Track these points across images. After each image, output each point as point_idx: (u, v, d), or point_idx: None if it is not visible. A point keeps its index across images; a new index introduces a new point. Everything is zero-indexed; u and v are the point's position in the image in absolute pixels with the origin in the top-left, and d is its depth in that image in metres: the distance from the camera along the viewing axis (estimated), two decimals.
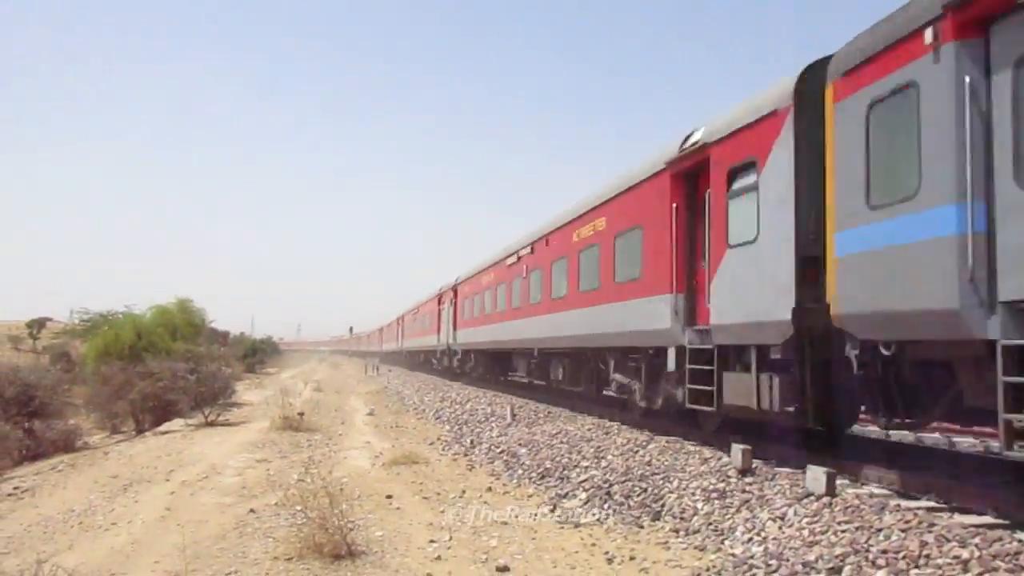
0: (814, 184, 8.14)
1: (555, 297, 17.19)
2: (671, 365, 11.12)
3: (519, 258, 20.68)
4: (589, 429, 13.13)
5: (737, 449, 8.53)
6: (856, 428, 14.59)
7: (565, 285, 16.51)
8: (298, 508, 7.44)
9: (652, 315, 11.63)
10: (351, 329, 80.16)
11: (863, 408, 9.14)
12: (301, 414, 17.10)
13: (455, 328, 30.72)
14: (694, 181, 11.01)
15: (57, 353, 39.27)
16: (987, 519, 6.26)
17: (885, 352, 7.32)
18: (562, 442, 12.06)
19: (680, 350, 10.87)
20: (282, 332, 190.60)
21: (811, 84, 8.33)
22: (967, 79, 5.99)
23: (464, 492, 9.49)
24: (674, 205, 11.13)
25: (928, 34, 6.39)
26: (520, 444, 12.40)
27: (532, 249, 19.41)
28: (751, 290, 9.03)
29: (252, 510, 8.58)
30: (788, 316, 8.21)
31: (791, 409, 8.80)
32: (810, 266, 8.22)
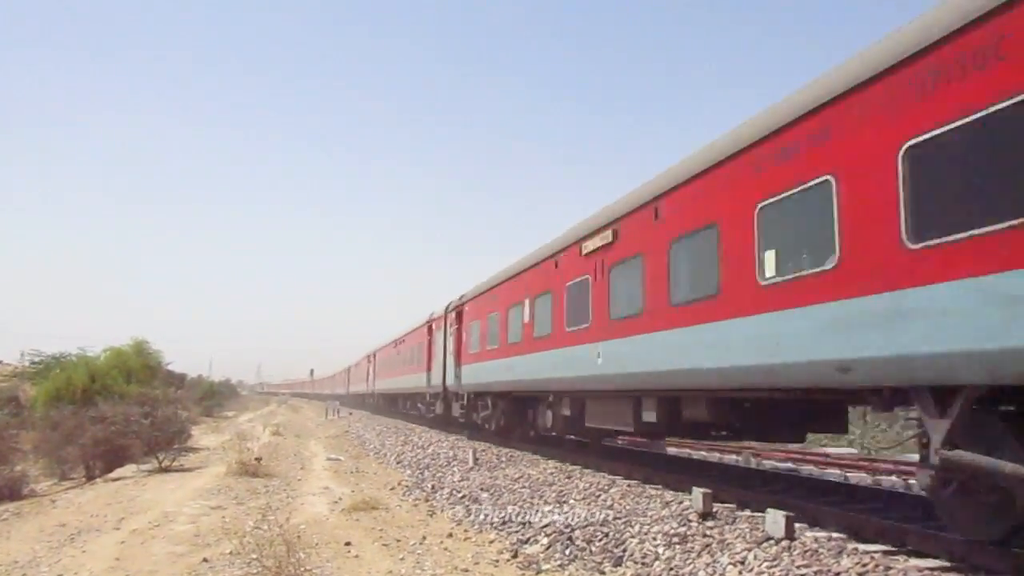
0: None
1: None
2: None
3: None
4: (551, 473, 13.07)
5: (698, 493, 8.57)
6: (814, 470, 14.78)
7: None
8: (254, 557, 7.25)
9: None
10: (312, 372, 79.13)
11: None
12: (259, 459, 16.74)
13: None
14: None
15: (5, 397, 38.05)
16: (941, 563, 6.35)
17: None
18: (524, 486, 11.98)
19: None
20: (242, 374, 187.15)
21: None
22: None
23: (424, 538, 9.34)
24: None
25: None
26: (482, 488, 12.29)
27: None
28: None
29: (206, 559, 8.34)
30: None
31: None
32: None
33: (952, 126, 5.72)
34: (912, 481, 12.81)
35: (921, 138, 5.98)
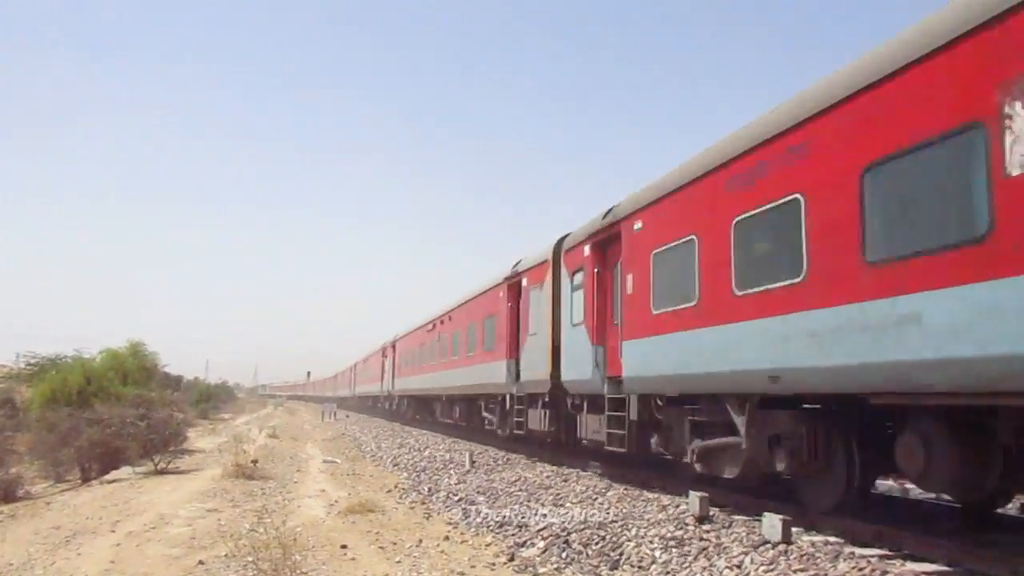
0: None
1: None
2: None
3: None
4: (548, 476, 13.06)
5: (695, 496, 8.57)
6: None
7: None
8: (249, 559, 7.24)
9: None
10: (308, 374, 79.57)
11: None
12: (255, 461, 16.71)
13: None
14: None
15: (0, 399, 37.94)
16: (937, 567, 6.35)
17: None
18: (521, 489, 11.96)
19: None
20: (239, 376, 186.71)
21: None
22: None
23: (421, 541, 9.32)
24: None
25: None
26: (478, 491, 12.27)
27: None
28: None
29: (201, 562, 8.31)
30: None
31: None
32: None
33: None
34: (909, 486, 12.81)
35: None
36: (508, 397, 17.56)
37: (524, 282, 17.01)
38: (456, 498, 12.20)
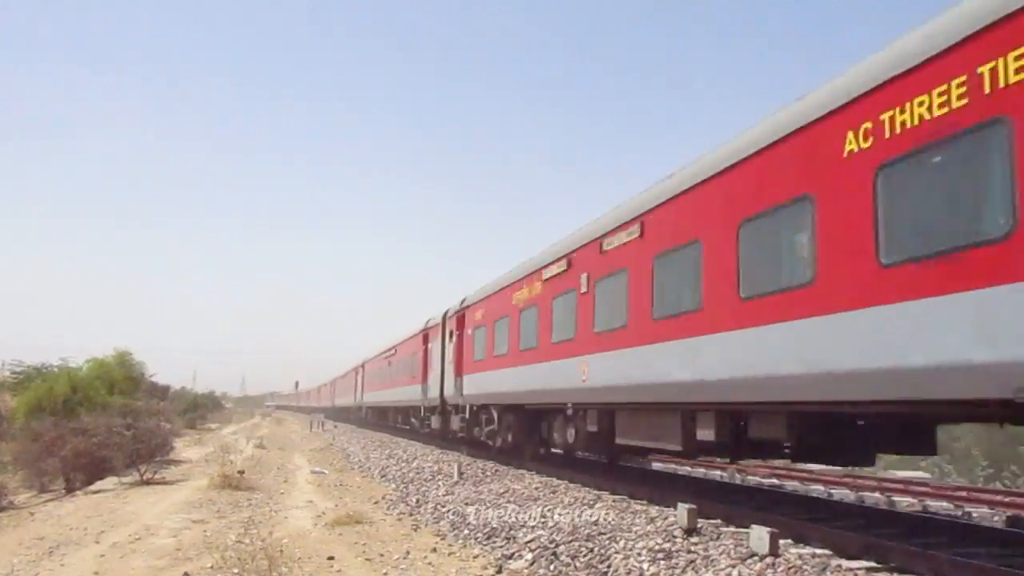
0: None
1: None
2: None
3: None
4: (536, 488, 13.04)
5: (683, 508, 8.57)
6: (798, 486, 14.82)
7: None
8: (235, 571, 7.19)
9: None
10: (297, 384, 78.82)
11: None
12: (241, 472, 16.61)
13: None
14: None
15: None
16: None
17: None
18: (509, 501, 11.93)
19: None
20: (226, 386, 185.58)
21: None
22: None
23: (408, 553, 9.28)
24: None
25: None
26: (467, 503, 12.23)
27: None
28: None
29: (187, 573, 8.24)
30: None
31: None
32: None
33: None
34: (896, 498, 12.88)
35: None
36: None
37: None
38: (444, 509, 12.16)
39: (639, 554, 7.90)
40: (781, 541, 7.34)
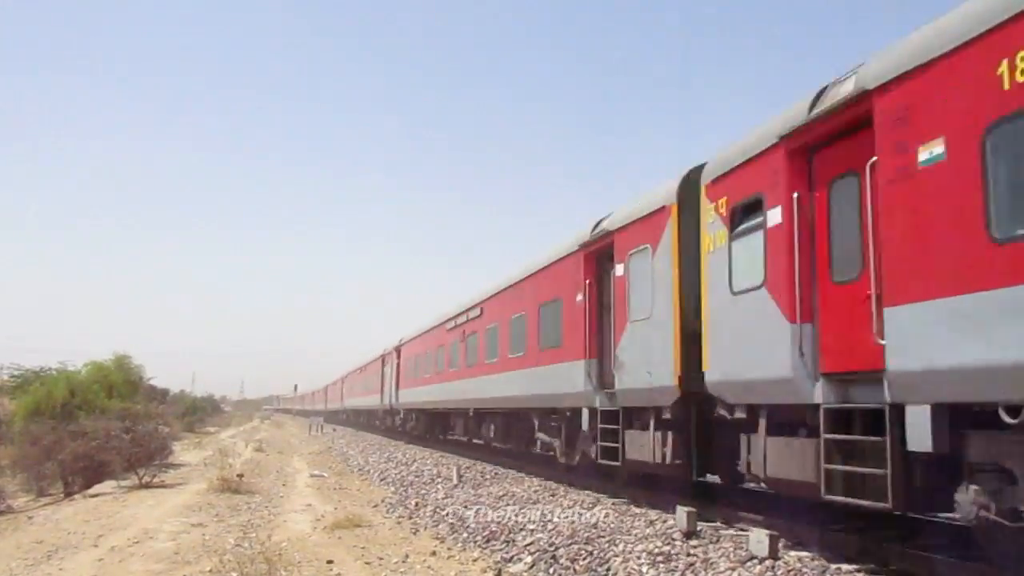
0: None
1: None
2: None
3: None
4: (536, 491, 13.03)
5: (682, 511, 8.57)
6: None
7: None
8: (234, 575, 7.18)
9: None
10: (296, 387, 79.12)
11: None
12: (240, 475, 16.59)
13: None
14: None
15: None
16: None
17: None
18: (508, 504, 11.92)
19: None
20: (225, 390, 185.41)
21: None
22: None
23: (407, 556, 9.27)
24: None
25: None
26: (466, 506, 12.21)
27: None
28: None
29: None
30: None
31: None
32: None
33: None
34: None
35: None
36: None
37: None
38: (443, 513, 12.15)
39: (638, 557, 7.90)
40: (780, 544, 7.34)
